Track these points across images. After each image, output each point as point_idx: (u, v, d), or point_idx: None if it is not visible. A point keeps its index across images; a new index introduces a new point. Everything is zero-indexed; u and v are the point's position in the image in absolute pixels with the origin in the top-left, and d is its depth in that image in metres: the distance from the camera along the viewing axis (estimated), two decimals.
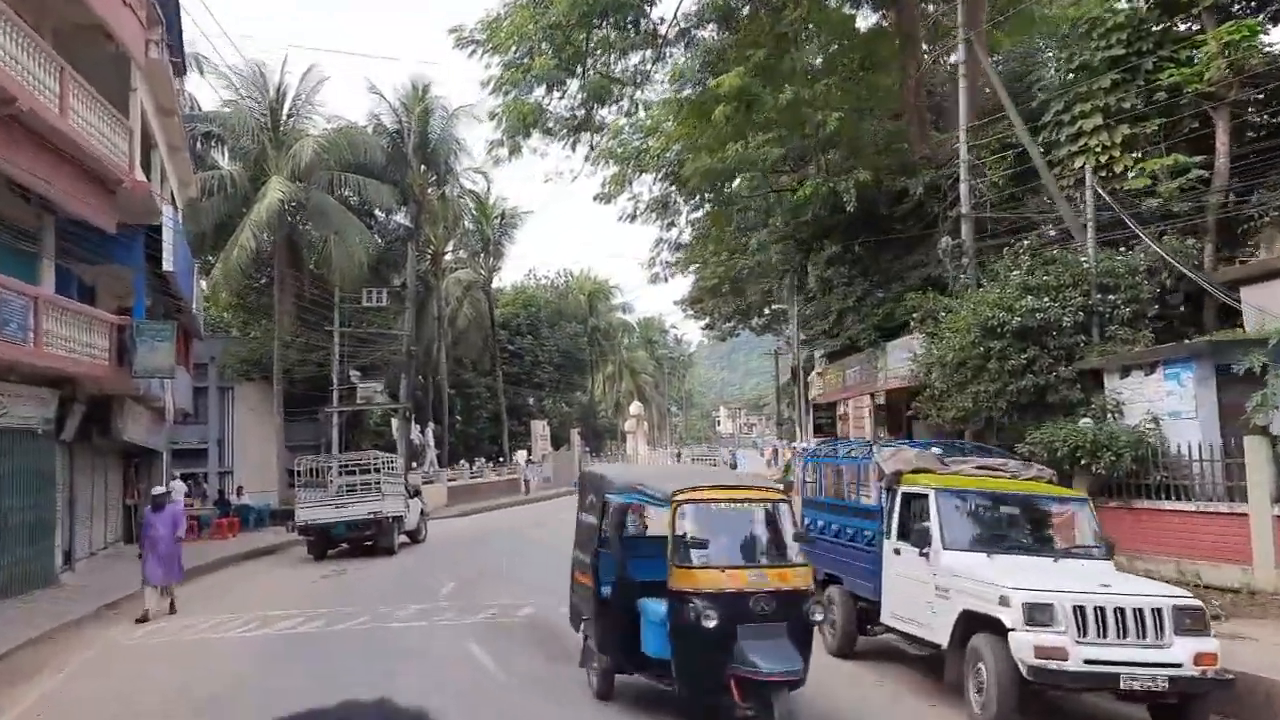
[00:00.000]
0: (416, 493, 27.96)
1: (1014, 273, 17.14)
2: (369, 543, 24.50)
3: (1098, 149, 18.15)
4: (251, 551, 25.74)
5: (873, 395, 27.05)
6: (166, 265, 22.77)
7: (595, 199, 33.45)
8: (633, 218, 35.43)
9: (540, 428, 58.64)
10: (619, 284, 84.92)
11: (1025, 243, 18.06)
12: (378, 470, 25.02)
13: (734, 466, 58.70)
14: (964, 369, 16.83)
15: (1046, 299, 16.33)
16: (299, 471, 24.76)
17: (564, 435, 64.11)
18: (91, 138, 18.33)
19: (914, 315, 19.13)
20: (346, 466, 26.27)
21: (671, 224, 34.56)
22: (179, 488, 29.85)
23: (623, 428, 79.26)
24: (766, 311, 76.43)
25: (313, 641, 13.54)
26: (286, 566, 23.49)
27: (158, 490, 17.84)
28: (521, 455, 55.10)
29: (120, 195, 19.64)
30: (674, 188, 32.20)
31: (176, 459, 41.44)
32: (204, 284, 43.71)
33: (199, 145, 38.76)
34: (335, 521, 23.87)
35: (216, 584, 20.46)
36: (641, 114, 27.32)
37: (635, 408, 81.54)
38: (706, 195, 33.05)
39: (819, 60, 25.05)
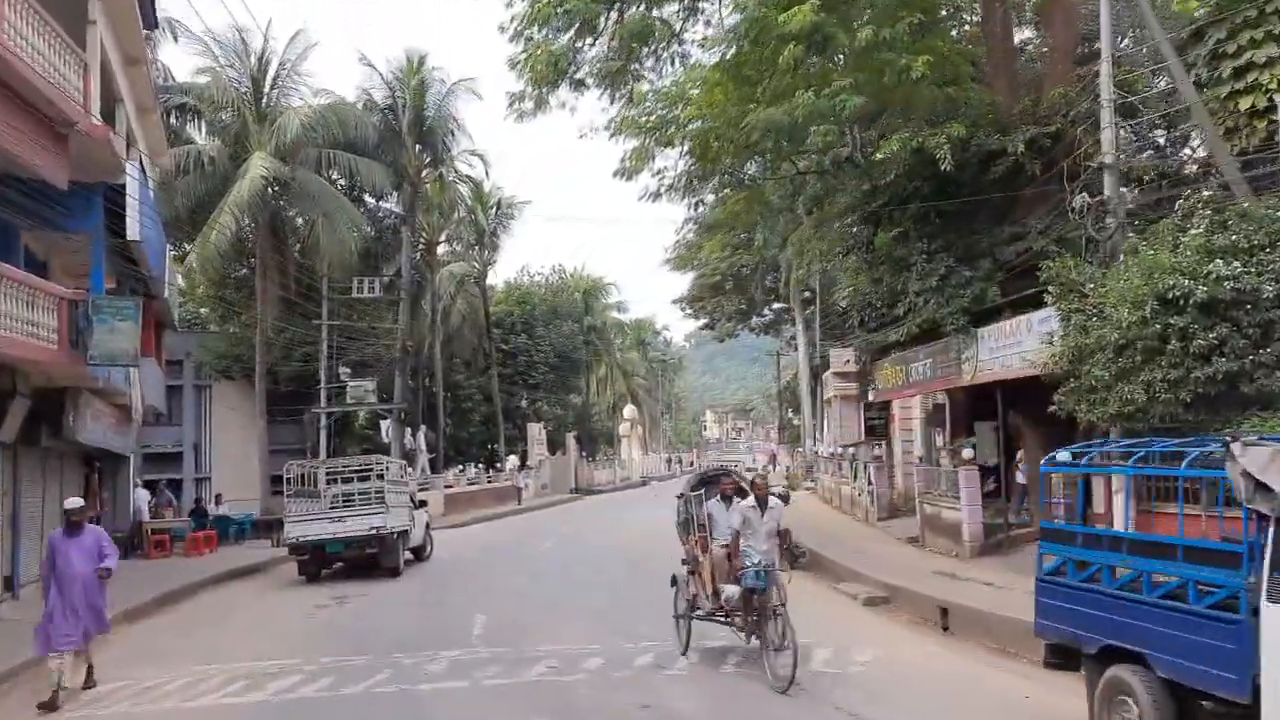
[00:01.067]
0: (422, 503, 24.19)
1: (1190, 233, 13.59)
2: (370, 562, 20.75)
3: (1273, 85, 14.67)
4: (232, 571, 21.86)
5: (949, 392, 23.54)
6: (131, 233, 18.93)
7: (615, 174, 29.79)
8: (655, 196, 31.71)
9: (536, 431, 54.86)
10: (615, 281, 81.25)
11: (1205, 195, 14.52)
12: (380, 478, 21.24)
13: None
14: (1130, 352, 13.27)
15: (1237, 264, 12.78)
16: (288, 478, 20.94)
17: (559, 439, 60.29)
18: (36, 63, 14.54)
19: (1048, 288, 15.52)
20: (343, 473, 22.50)
21: (700, 203, 30.84)
22: (142, 496, 25.92)
23: (618, 432, 75.54)
24: (768, 312, 73.15)
25: (321, 717, 9.78)
26: (274, 591, 19.64)
27: (71, 503, 11.67)
28: (512, 461, 51.28)
29: (74, 143, 15.83)
30: (700, 164, 28.67)
31: (147, 464, 37.38)
32: (180, 276, 39.74)
33: (173, 119, 34.83)
34: (331, 538, 20.09)
35: (189, 616, 16.61)
36: (677, 71, 23.66)
37: (629, 411, 77.90)
38: (739, 170, 29.52)
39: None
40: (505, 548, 26.61)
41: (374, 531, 20.01)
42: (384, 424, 40.44)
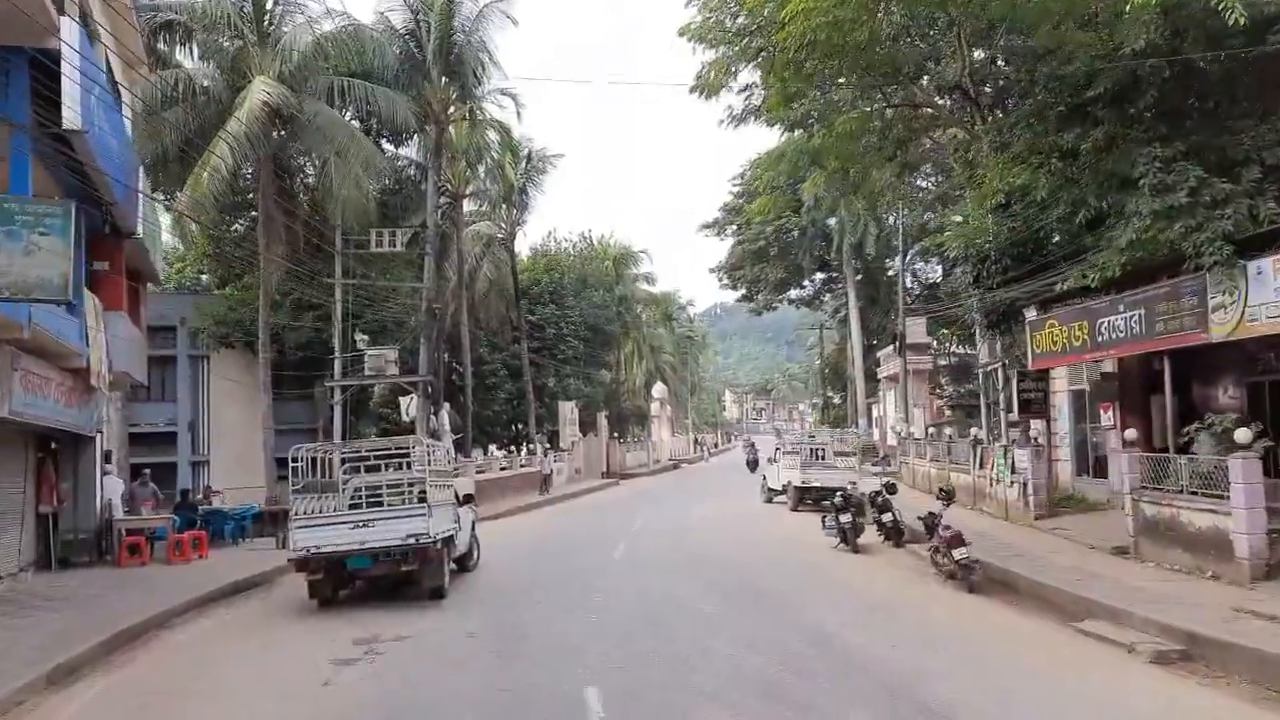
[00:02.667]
0: (468, 498, 18.45)
1: None
2: (404, 579, 15.09)
3: None
4: (220, 591, 16.15)
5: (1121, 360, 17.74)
6: (69, 120, 13.15)
7: (692, 90, 24.05)
8: (738, 121, 25.89)
9: (568, 410, 49.14)
10: (646, 249, 74.94)
11: None
12: (419, 465, 15.52)
13: (754, 464, 49.69)
14: None
15: None
16: (295, 467, 15.19)
17: (590, 419, 54.58)
18: None
19: None
20: (368, 460, 16.82)
21: (802, 124, 25.08)
22: (114, 485, 20.22)
23: (649, 411, 69.82)
24: (808, 284, 67.08)
25: None
26: (274, 626, 13.87)
27: None
28: (539, 443, 45.59)
29: None
30: (793, 79, 22.87)
31: (136, 446, 31.69)
32: (172, 235, 33.94)
33: (159, 40, 28.98)
34: (354, 550, 14.35)
35: (139, 683, 10.87)
36: None
37: (659, 390, 72.19)
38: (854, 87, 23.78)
39: None
40: (563, 554, 20.94)
41: (412, 541, 14.28)
42: (404, 400, 34.72)
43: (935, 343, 41.49)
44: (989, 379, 33.06)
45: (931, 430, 31.75)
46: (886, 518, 20.86)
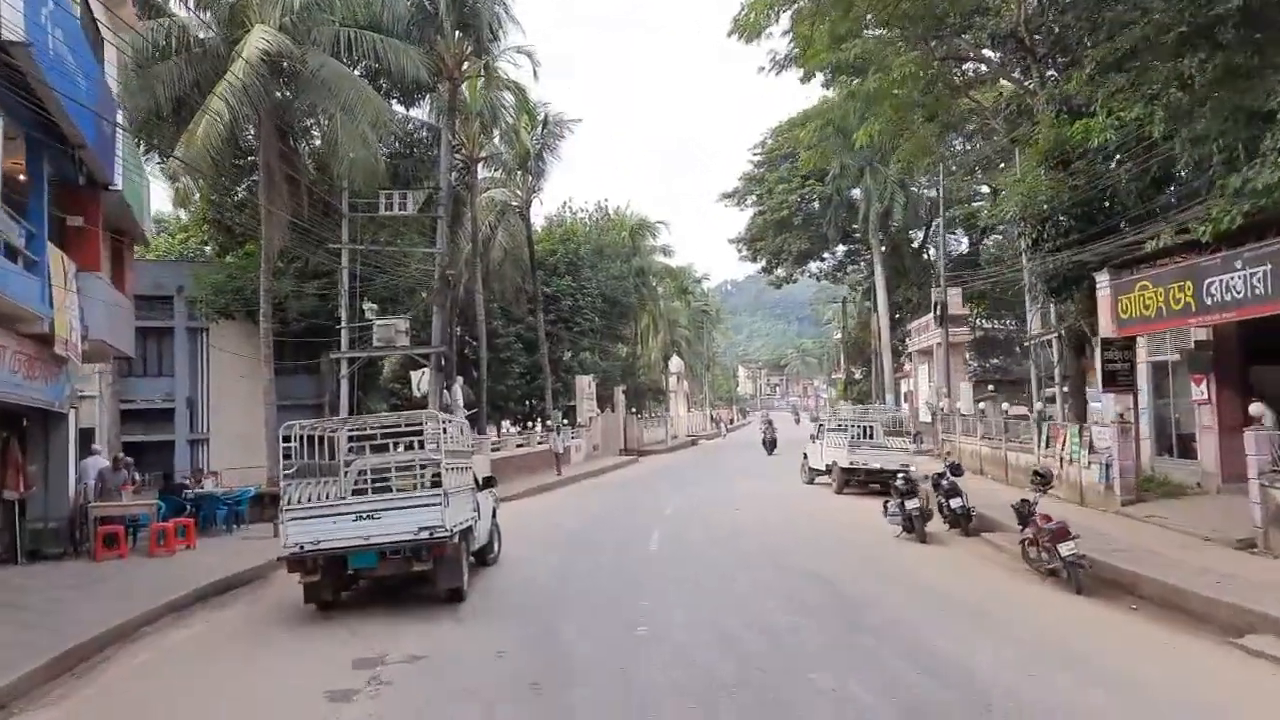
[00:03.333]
0: (488, 481, 16.12)
1: None
2: (415, 578, 12.78)
3: None
4: (201, 592, 13.85)
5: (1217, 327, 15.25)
6: (8, 29, 10.75)
7: (730, 33, 21.58)
8: (780, 67, 23.39)
9: (586, 384, 46.75)
10: (665, 220, 71.54)
11: None
12: (433, 444, 13.17)
13: (772, 444, 46.33)
14: None
15: None
16: (287, 447, 12.85)
17: (607, 394, 52.20)
18: None
19: None
20: (373, 438, 14.50)
21: (842, 71, 22.56)
22: (92, 467, 17.97)
23: (667, 386, 67.43)
24: (827, 256, 64.34)
25: None
26: (259, 643, 11.49)
27: None
28: (555, 419, 43.23)
29: None
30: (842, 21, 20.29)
31: (130, 423, 29.48)
32: (173, 206, 31.61)
33: None
34: (358, 545, 12.01)
35: (92, 711, 8.58)
36: None
37: (675, 364, 69.80)
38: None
39: None
40: (592, 544, 18.60)
41: (425, 535, 11.95)
42: (416, 375, 32.46)
43: (971, 314, 38.87)
44: (1038, 351, 30.67)
45: (982, 406, 29.27)
46: (955, 503, 18.52)
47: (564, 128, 41.90)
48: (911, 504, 17.86)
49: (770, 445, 45.86)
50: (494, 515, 16.26)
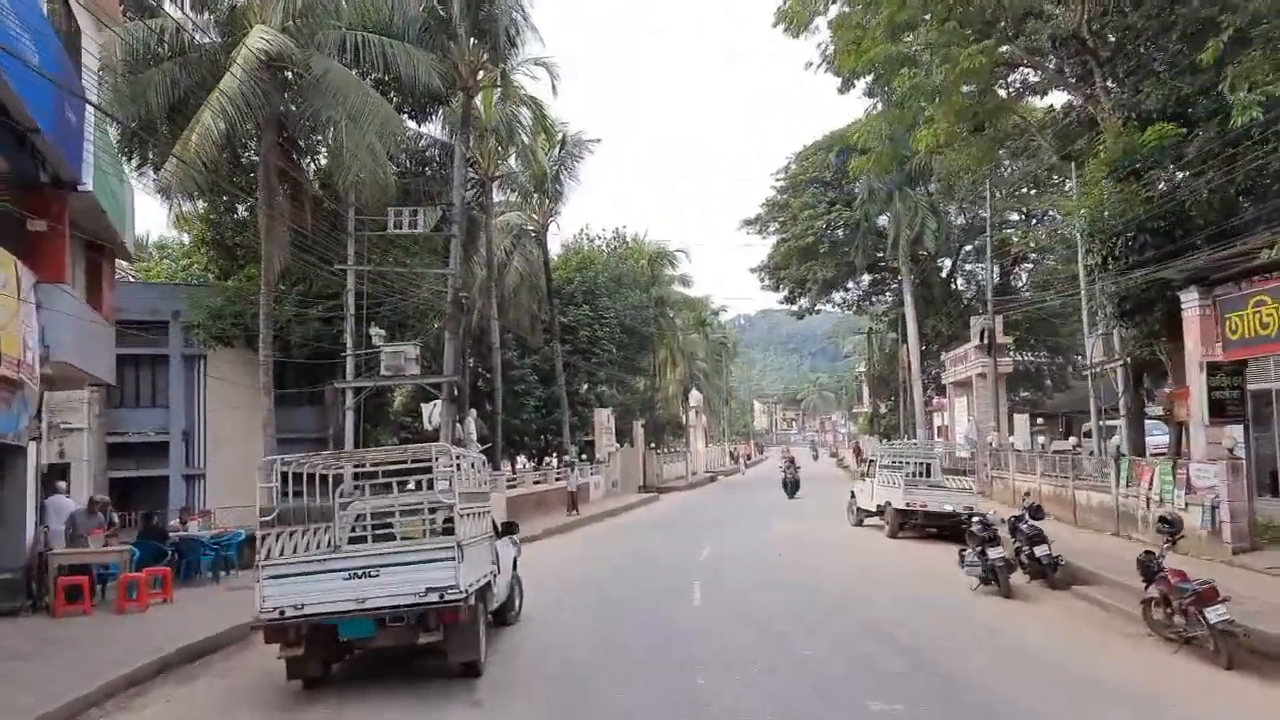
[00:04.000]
0: (508, 528, 13.81)
1: None
2: (421, 649, 10.42)
3: None
4: (169, 658, 11.52)
5: None
6: None
7: (775, 24, 19.51)
8: (828, 63, 21.26)
9: (604, 418, 44.47)
10: (685, 248, 69.18)
11: None
12: (445, 483, 10.89)
13: (794, 485, 38.89)
14: None
15: None
16: (265, 485, 10.58)
17: (626, 428, 49.85)
18: None
19: None
20: (375, 475, 12.24)
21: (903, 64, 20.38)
22: (59, 509, 15.72)
23: (686, 420, 65.06)
24: (851, 285, 62.03)
25: None
26: None
27: None
28: (572, 454, 40.94)
29: None
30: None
31: (121, 458, 27.31)
32: (173, 230, 29.56)
33: None
34: (350, 611, 9.68)
35: None
36: None
37: (695, 398, 67.49)
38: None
39: None
40: (625, 599, 16.26)
41: (435, 598, 9.64)
42: (428, 407, 30.13)
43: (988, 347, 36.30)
44: (1097, 380, 28.27)
45: (1041, 440, 26.84)
46: (1040, 551, 16.11)
47: (583, 148, 39.93)
48: (995, 553, 15.50)
49: (792, 487, 38.13)
50: (515, 567, 13.92)
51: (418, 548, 10.01)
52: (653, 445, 54.16)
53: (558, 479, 35.88)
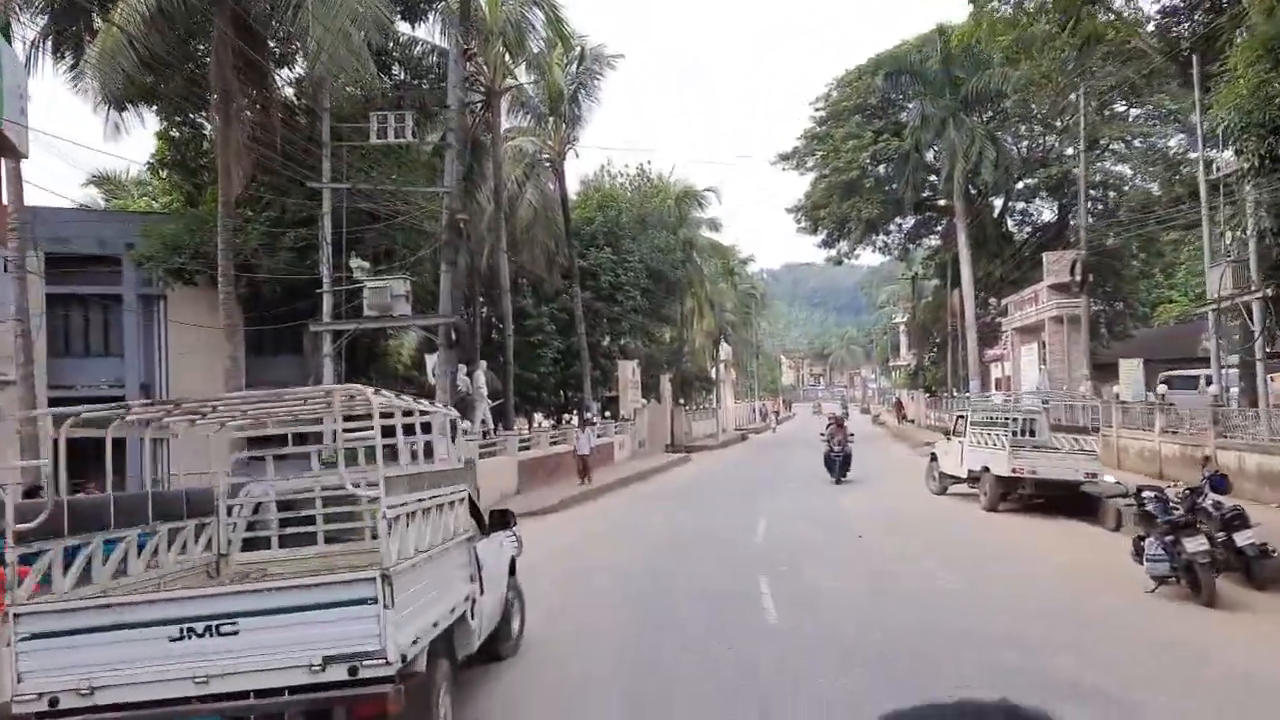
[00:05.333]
0: (502, 518, 9.20)
1: None
2: None
3: None
4: None
5: None
6: None
7: None
8: None
9: (630, 371, 39.90)
10: (715, 187, 63.09)
11: None
12: (390, 456, 6.23)
13: (843, 463, 25.76)
14: None
15: None
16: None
17: (652, 383, 45.24)
18: None
19: None
20: (282, 441, 7.75)
21: None
22: None
23: (717, 374, 60.38)
24: (895, 227, 56.95)
25: None
26: None
27: None
28: (594, 411, 36.48)
29: None
30: None
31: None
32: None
33: None
34: (184, 703, 5.07)
35: None
36: None
37: (725, 351, 62.74)
38: None
39: None
40: (666, 600, 11.84)
41: (344, 677, 5.02)
42: (432, 359, 25.53)
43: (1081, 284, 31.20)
44: (1221, 318, 23.39)
45: (1163, 390, 21.99)
46: (1244, 539, 11.45)
47: (604, 64, 34.97)
48: (1195, 545, 10.83)
49: (841, 465, 25.07)
50: (511, 570, 9.36)
51: (312, 582, 5.42)
52: (681, 401, 49.57)
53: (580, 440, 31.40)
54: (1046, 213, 54.97)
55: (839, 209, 48.36)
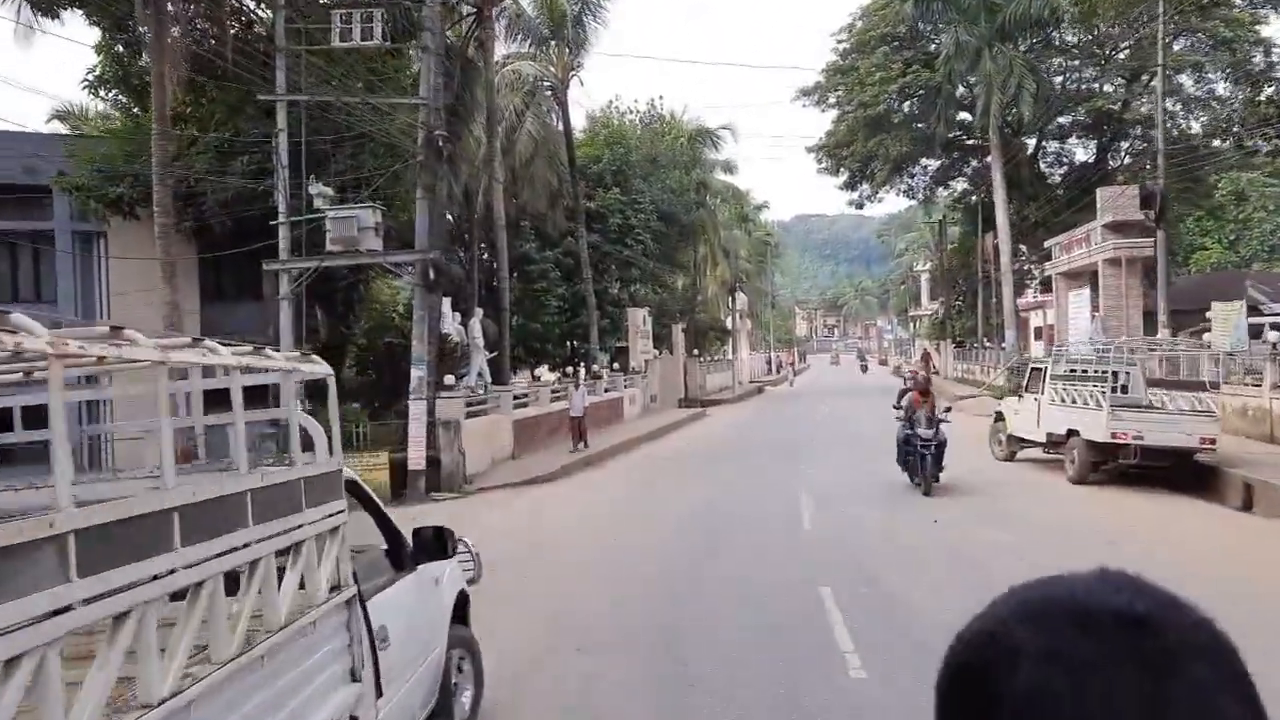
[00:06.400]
0: (441, 543, 5.54)
1: None
2: None
3: None
4: None
5: None
6: None
7: None
8: None
9: (640, 320, 36.31)
10: (730, 124, 58.47)
11: None
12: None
13: (936, 454, 23.42)
14: None
15: None
16: None
17: (664, 333, 41.64)
18: None
19: None
20: None
21: None
22: None
23: (734, 324, 56.72)
24: (922, 169, 52.93)
25: None
26: None
27: None
28: (601, 362, 33.03)
29: None
30: None
31: None
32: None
33: None
34: None
35: None
36: None
37: (741, 300, 59.05)
38: None
39: None
40: (699, 661, 8.32)
41: None
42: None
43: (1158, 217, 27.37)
44: None
45: (1274, 334, 18.24)
46: None
47: None
48: None
49: (934, 460, 14.90)
50: (459, 616, 5.82)
51: None
52: (695, 352, 45.97)
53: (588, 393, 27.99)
54: (1080, 152, 50.99)
55: (863, 147, 44.32)
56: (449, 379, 18.88)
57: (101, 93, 22.56)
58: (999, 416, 18.19)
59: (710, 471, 18.89)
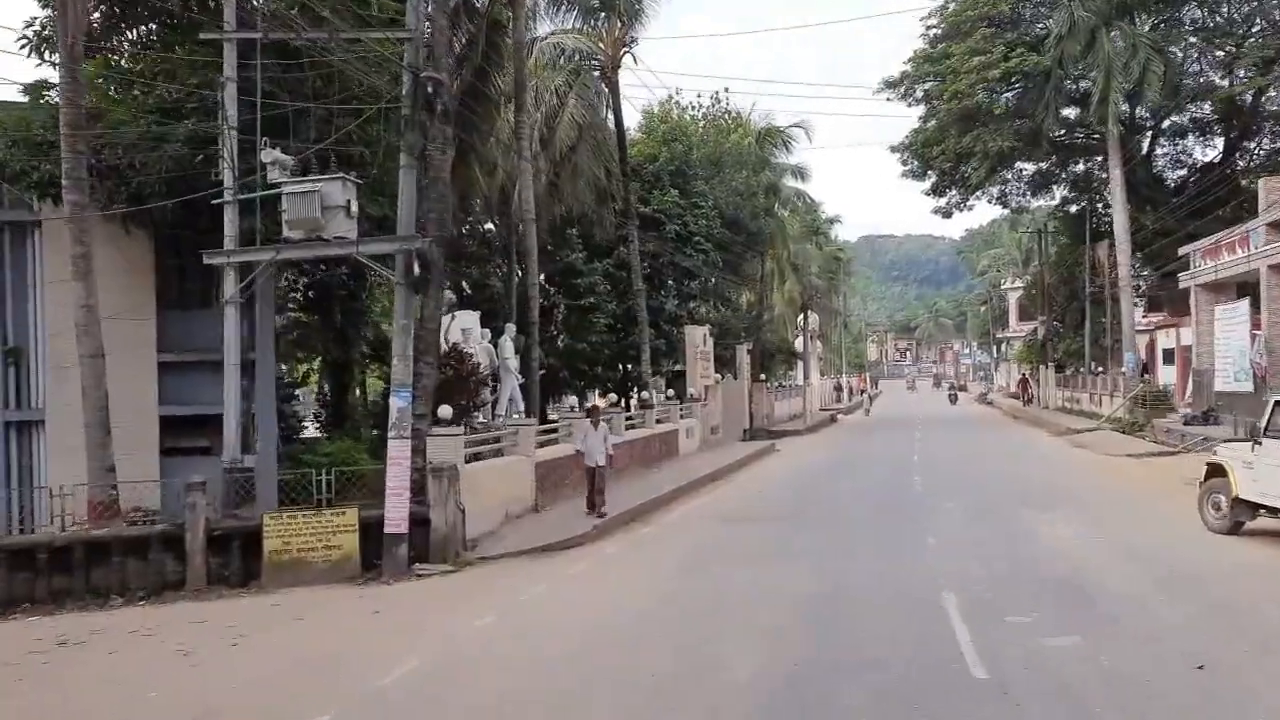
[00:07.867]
0: None
1: None
2: None
3: None
4: None
5: None
6: None
7: None
8: None
9: (700, 339, 31.38)
10: (803, 123, 51.78)
11: None
12: None
13: None
14: None
15: None
16: None
17: (724, 354, 36.58)
18: None
19: None
20: None
21: None
22: None
23: (806, 346, 51.44)
24: (1027, 170, 47.13)
25: None
26: None
27: None
28: (654, 387, 28.23)
29: None
30: None
31: None
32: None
33: None
34: None
35: None
36: None
37: (812, 320, 53.85)
38: None
39: None
40: None
41: None
42: (447, 319, 17.07)
43: None
44: None
45: None
46: None
47: None
48: None
49: None
50: None
51: None
52: (761, 377, 40.86)
53: (632, 425, 23.12)
54: (1199, 152, 45.05)
55: (956, 144, 38.98)
56: (444, 410, 14.14)
57: (46, 54, 18.37)
58: (1216, 471, 12.85)
59: (793, 546, 13.84)
